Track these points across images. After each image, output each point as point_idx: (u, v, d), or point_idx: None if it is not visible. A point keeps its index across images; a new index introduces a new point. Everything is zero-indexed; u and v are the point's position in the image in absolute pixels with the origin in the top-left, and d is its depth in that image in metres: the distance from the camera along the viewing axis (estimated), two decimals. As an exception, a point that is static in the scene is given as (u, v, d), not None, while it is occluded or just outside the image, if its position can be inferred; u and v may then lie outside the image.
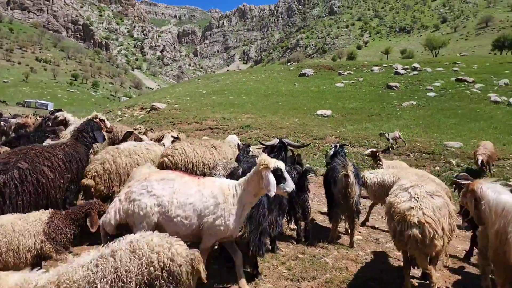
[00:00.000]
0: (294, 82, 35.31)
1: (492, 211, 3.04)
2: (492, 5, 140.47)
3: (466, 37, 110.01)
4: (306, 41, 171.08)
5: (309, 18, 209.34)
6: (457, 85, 27.71)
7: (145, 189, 3.28)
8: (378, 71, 37.71)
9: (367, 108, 22.17)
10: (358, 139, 13.86)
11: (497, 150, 11.03)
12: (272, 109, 22.50)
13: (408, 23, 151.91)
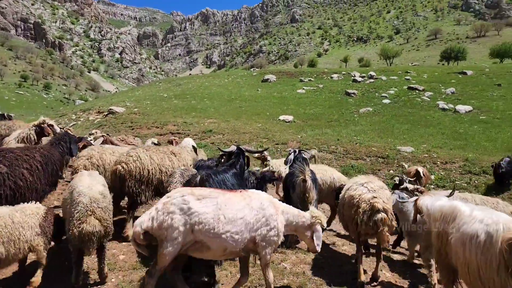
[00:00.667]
0: (257, 88, 35.59)
1: (431, 218, 3.39)
2: (440, 19, 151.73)
3: (417, 48, 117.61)
4: (269, 48, 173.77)
5: (272, 25, 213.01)
6: (409, 93, 29.41)
7: (186, 204, 3.11)
8: (337, 78, 39.09)
9: (327, 114, 22.86)
10: (317, 144, 14.20)
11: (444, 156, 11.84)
12: (235, 114, 22.50)
13: (365, 33, 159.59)
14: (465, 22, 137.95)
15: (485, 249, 2.69)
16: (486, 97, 27.11)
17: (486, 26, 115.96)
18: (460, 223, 2.98)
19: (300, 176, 4.51)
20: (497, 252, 2.59)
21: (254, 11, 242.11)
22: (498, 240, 2.61)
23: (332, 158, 13.06)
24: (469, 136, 16.66)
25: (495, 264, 2.60)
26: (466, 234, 2.87)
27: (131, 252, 4.58)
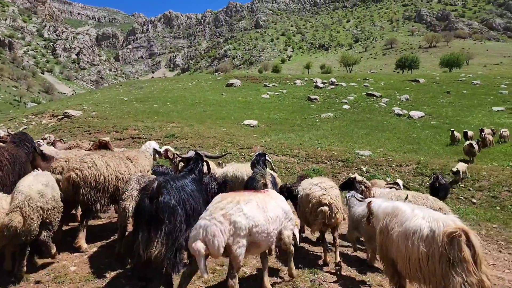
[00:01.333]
0: (222, 92, 35.49)
1: (378, 217, 3.81)
2: (396, 29, 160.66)
3: (375, 56, 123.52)
4: (234, 52, 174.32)
5: (236, 30, 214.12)
6: (368, 99, 30.76)
7: (242, 211, 3.40)
8: (300, 84, 40.00)
9: (290, 119, 23.27)
10: (281, 148, 14.39)
11: (399, 159, 12.48)
12: (200, 118, 22.24)
13: (327, 41, 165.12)
14: (418, 33, 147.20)
15: (427, 243, 3.04)
16: (437, 103, 29.02)
17: (437, 37, 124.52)
18: (402, 220, 3.35)
19: (261, 180, 4.55)
20: (439, 245, 2.96)
21: (218, 16, 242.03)
22: (440, 234, 2.99)
23: (294, 162, 13.27)
24: (421, 140, 17.69)
25: (437, 255, 2.97)
26: (409, 229, 3.21)
27: (83, 263, 4.34)
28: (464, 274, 2.89)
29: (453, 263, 2.91)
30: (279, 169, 12.09)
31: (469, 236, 2.97)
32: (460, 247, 2.92)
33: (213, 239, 3.19)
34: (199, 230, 3.25)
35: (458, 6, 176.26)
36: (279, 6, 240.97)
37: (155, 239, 3.40)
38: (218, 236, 3.22)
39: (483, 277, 2.91)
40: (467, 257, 2.91)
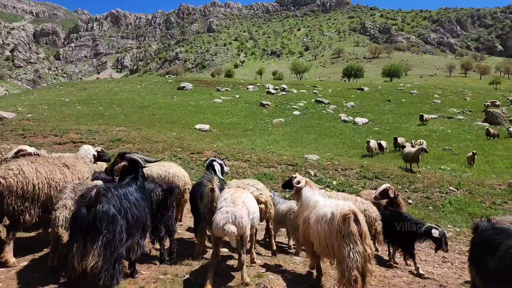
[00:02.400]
0: (173, 95, 34.65)
1: (303, 206, 4.56)
2: (343, 40, 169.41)
3: (323, 65, 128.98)
4: (186, 55, 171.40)
5: (188, 33, 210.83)
6: (317, 105, 31.97)
7: (250, 201, 4.32)
8: (253, 89, 40.44)
9: (243, 124, 23.37)
10: (233, 153, 14.35)
11: (344, 163, 13.08)
12: (148, 122, 21.45)
13: (278, 48, 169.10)
14: (362, 44, 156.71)
15: (329, 223, 3.87)
16: (379, 111, 31.03)
17: (379, 49, 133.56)
18: (316, 209, 4.22)
19: (208, 185, 4.47)
20: (335, 223, 3.79)
21: (169, 17, 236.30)
22: (337, 216, 3.80)
23: (246, 166, 13.30)
24: (365, 145, 18.72)
25: (335, 232, 3.78)
26: (319, 215, 4.07)
27: (9, 279, 3.89)
28: (351, 244, 3.67)
29: (343, 236, 3.71)
30: (231, 174, 12.02)
31: (358, 216, 3.80)
32: (349, 224, 3.72)
33: (241, 220, 3.96)
34: (227, 215, 3.96)
35: (398, 20, 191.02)
36: (232, 11, 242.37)
37: (91, 250, 3.16)
38: (245, 217, 4.03)
39: (366, 247, 3.73)
40: (354, 231, 3.70)
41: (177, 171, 6.21)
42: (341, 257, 3.71)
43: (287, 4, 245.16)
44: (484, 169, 14.31)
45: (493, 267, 3.04)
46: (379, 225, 5.67)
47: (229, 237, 3.88)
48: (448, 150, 18.35)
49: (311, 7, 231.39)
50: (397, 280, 4.97)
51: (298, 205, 4.73)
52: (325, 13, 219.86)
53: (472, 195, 10.08)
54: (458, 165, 14.78)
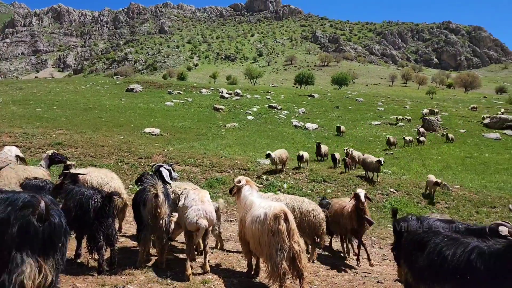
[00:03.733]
0: (121, 97, 33.13)
1: (241, 206, 4.79)
2: (295, 47, 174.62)
3: (276, 71, 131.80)
4: (136, 56, 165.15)
5: (139, 33, 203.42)
6: (270, 111, 32.50)
7: (211, 204, 4.88)
8: (206, 93, 40.06)
9: (195, 128, 22.99)
10: (184, 158, 14.05)
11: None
12: (93, 125, 20.25)
13: (232, 52, 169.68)
14: (313, 52, 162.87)
15: (262, 223, 4.14)
16: (328, 117, 32.35)
17: (329, 57, 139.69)
18: (252, 210, 4.47)
19: (151, 191, 4.32)
20: (268, 222, 4.08)
21: (118, 16, 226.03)
22: (269, 216, 4.08)
23: (198, 171, 13.09)
24: (314, 150, 19.36)
25: (267, 230, 4.08)
26: (254, 216, 4.32)
27: None
28: (280, 242, 4.00)
29: (274, 234, 4.01)
30: (182, 179, 11.73)
31: (287, 215, 4.12)
32: (279, 222, 4.03)
33: (211, 214, 4.58)
34: (199, 211, 4.51)
35: (346, 31, 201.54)
36: (185, 13, 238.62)
37: (46, 265, 2.86)
38: (213, 213, 4.65)
39: (293, 244, 4.08)
40: (282, 229, 4.02)
41: (117, 187, 5.90)
42: (271, 254, 4.01)
43: (241, 9, 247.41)
44: (421, 172, 15.50)
45: (422, 263, 3.28)
46: (325, 224, 5.98)
47: (200, 230, 4.39)
48: (390, 154, 19.63)
49: (264, 13, 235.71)
50: (339, 278, 5.19)
51: (238, 204, 5.01)
52: (278, 20, 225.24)
53: (409, 196, 10.86)
54: (398, 168, 15.85)
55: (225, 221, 8.92)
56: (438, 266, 3.08)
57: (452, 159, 18.98)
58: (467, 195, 11.18)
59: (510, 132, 27.39)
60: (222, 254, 5.94)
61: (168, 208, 4.59)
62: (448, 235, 3.29)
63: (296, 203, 5.92)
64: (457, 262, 2.97)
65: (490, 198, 11.10)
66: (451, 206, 10.29)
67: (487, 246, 2.96)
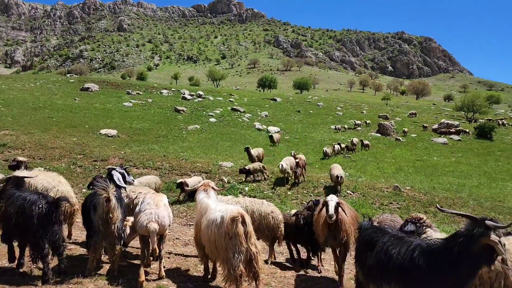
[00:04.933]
0: (75, 97, 31.40)
1: (196, 209, 4.79)
2: (258, 51, 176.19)
3: (240, 74, 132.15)
4: (92, 54, 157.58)
5: (96, 30, 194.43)
6: (232, 113, 32.44)
7: (166, 208, 4.80)
8: (167, 94, 39.13)
9: (155, 130, 22.35)
10: (143, 161, 13.59)
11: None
12: (43, 125, 18.98)
13: (195, 53, 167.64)
14: (276, 57, 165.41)
15: (219, 227, 4.10)
16: (290, 120, 32.94)
17: (291, 62, 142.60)
18: (207, 214, 4.40)
19: (103, 195, 4.11)
20: (225, 226, 4.04)
21: (73, 11, 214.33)
22: (226, 219, 4.04)
23: (157, 174, 12.70)
24: (276, 152, 19.61)
25: (224, 234, 4.04)
26: (210, 220, 4.27)
27: None
28: (237, 244, 3.99)
29: (231, 237, 3.99)
30: (140, 182, 11.31)
31: (245, 218, 4.11)
32: (237, 225, 4.00)
33: (163, 219, 4.50)
34: (151, 215, 4.44)
35: (307, 37, 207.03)
36: (146, 11, 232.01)
37: None
38: (167, 218, 4.57)
39: (250, 246, 4.09)
40: (240, 232, 4.01)
41: (65, 191, 5.56)
42: (227, 257, 3.99)
43: (204, 10, 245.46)
44: (376, 174, 16.24)
45: (371, 262, 3.43)
46: (283, 226, 6.03)
47: (151, 235, 4.30)
48: (347, 157, 20.37)
49: (228, 16, 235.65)
50: (296, 279, 5.29)
51: (195, 208, 4.98)
52: (242, 23, 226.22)
53: (365, 197, 11.31)
54: (355, 170, 16.49)
55: (184, 225, 8.73)
56: (385, 264, 3.23)
57: (404, 162, 20.10)
58: (417, 196, 11.87)
59: (456, 137, 29.59)
60: (179, 259, 5.80)
61: (121, 212, 4.39)
62: (394, 234, 3.47)
63: (255, 206, 5.93)
64: (401, 260, 3.14)
65: (437, 198, 11.87)
66: (402, 206, 10.86)
67: (427, 245, 3.17)
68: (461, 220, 9.62)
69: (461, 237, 3.00)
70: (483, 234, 2.87)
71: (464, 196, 12.95)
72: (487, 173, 19.08)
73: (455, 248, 2.96)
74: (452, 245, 3.00)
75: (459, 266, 2.92)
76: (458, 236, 3.05)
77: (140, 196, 5.36)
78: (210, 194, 4.73)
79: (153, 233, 4.31)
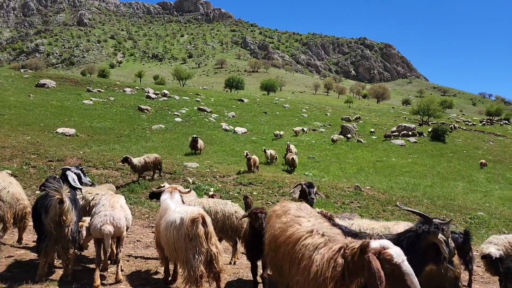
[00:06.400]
0: (29, 93, 29.53)
1: (159, 211, 4.72)
2: (225, 51, 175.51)
3: (207, 74, 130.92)
4: (49, 48, 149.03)
5: (53, 23, 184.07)
6: (199, 113, 32.04)
7: (123, 210, 4.78)
8: (130, 92, 37.88)
9: (117, 129, 21.57)
10: (103, 161, 13.07)
11: (223, 170, 13.44)
12: (-8, 123, 17.69)
13: (160, 51, 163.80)
14: (243, 58, 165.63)
15: (179, 228, 4.02)
16: (257, 121, 33.11)
17: (258, 64, 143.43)
18: (166, 215, 4.32)
19: (56, 196, 3.90)
20: (185, 227, 3.97)
21: (28, 3, 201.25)
22: (186, 220, 3.98)
23: (118, 175, 12.29)
24: (242, 153, 19.61)
25: (183, 235, 3.96)
26: (169, 222, 4.19)
27: None
28: (197, 246, 3.95)
29: (191, 238, 3.95)
30: (100, 183, 10.87)
31: (205, 219, 4.09)
32: (197, 226, 3.96)
33: (119, 221, 4.40)
34: (106, 217, 4.33)
35: (274, 39, 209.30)
36: (108, 6, 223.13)
37: None
38: (123, 220, 4.48)
39: (211, 247, 4.08)
40: (200, 233, 3.98)
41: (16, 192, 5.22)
42: (188, 258, 3.94)
43: (170, 8, 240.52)
44: (338, 174, 16.77)
45: None
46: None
47: (105, 238, 4.18)
48: (311, 158, 20.84)
49: (194, 15, 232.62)
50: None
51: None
52: (209, 23, 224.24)
53: (328, 197, 11.64)
54: (319, 171, 16.92)
55: (146, 227, 8.51)
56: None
57: (365, 163, 20.92)
58: (376, 195, 12.40)
59: (412, 139, 31.26)
60: (139, 262, 5.64)
61: (76, 215, 4.19)
62: (348, 231, 3.60)
63: (219, 206, 5.93)
64: None
65: (395, 197, 12.47)
66: (362, 205, 11.30)
67: None
68: (416, 218, 10.17)
69: (410, 232, 3.18)
70: (430, 232, 3.06)
71: (419, 195, 13.73)
72: (440, 174, 20.35)
73: (403, 242, 3.12)
74: (401, 240, 3.16)
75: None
76: (408, 232, 3.22)
77: (97, 197, 5.15)
78: (174, 196, 4.64)
79: (108, 236, 4.19)
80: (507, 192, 17.26)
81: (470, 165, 24.17)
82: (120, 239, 4.55)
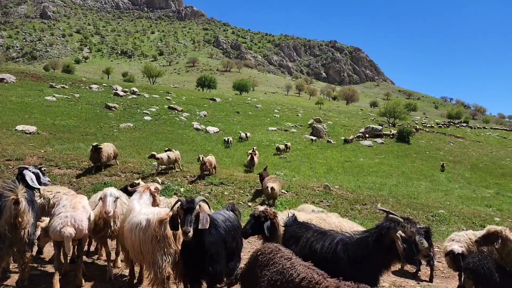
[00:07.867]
0: (-15, 88, 27.70)
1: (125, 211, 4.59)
2: (197, 50, 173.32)
3: (178, 72, 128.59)
4: (9, 41, 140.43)
5: (14, 15, 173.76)
6: (169, 112, 31.40)
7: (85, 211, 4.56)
8: (97, 89, 36.50)
9: (82, 127, 20.71)
10: (66, 160, 12.49)
11: (193, 170, 13.21)
12: None
13: (130, 48, 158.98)
14: (216, 57, 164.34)
15: (145, 230, 3.91)
16: (229, 121, 32.94)
17: (231, 63, 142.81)
18: (130, 217, 4.17)
19: (10, 196, 3.65)
20: (152, 229, 3.87)
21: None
22: (153, 222, 3.89)
23: (82, 175, 11.77)
24: (214, 153, 19.38)
25: (150, 237, 3.87)
26: (133, 223, 4.05)
27: None
28: (166, 246, 3.86)
29: (159, 240, 3.84)
30: (63, 184, 10.37)
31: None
32: (165, 227, 3.84)
33: (81, 223, 4.21)
34: (66, 219, 4.14)
35: (247, 40, 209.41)
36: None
37: None
38: (85, 221, 4.29)
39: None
40: (169, 234, 3.86)
41: None
42: (154, 260, 3.84)
43: (140, 4, 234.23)
44: (309, 174, 17.03)
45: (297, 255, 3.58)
46: None
47: (65, 240, 3.99)
48: (283, 158, 21.03)
49: (166, 12, 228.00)
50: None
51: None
52: (180, 21, 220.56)
53: (298, 196, 11.78)
54: (290, 170, 17.10)
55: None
56: (309, 258, 3.38)
57: (335, 163, 21.40)
58: (345, 194, 12.71)
59: (379, 140, 32.36)
60: (104, 265, 5.40)
61: (33, 216, 3.95)
62: (317, 229, 3.65)
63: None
64: (325, 253, 3.33)
65: (362, 196, 12.83)
66: (331, 204, 11.53)
67: (349, 238, 3.39)
68: (382, 216, 10.51)
69: (375, 229, 3.28)
70: (390, 228, 3.16)
71: (385, 194, 14.22)
72: (405, 173, 21.21)
73: (369, 239, 3.22)
74: (368, 237, 3.26)
75: (372, 256, 3.18)
76: (373, 229, 3.32)
77: (58, 196, 4.89)
78: (143, 197, 4.51)
79: (68, 239, 4.01)
80: (466, 191, 18.29)
81: (432, 165, 25.37)
82: (82, 242, 4.38)
